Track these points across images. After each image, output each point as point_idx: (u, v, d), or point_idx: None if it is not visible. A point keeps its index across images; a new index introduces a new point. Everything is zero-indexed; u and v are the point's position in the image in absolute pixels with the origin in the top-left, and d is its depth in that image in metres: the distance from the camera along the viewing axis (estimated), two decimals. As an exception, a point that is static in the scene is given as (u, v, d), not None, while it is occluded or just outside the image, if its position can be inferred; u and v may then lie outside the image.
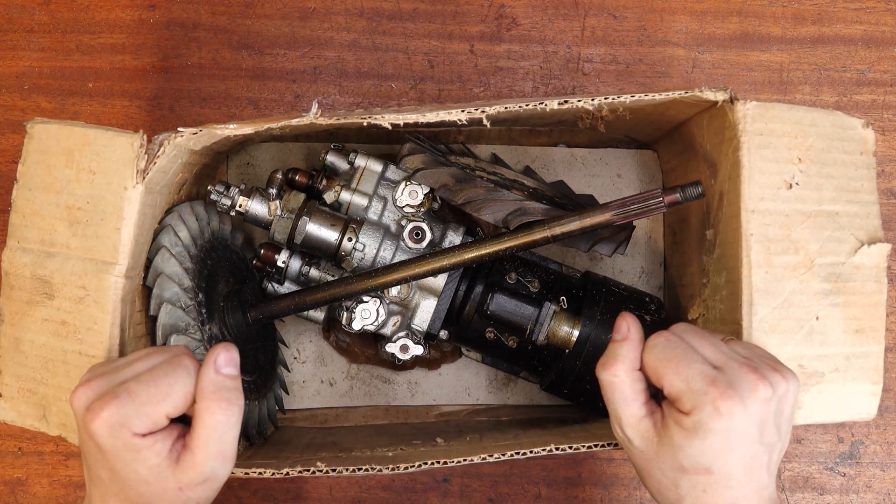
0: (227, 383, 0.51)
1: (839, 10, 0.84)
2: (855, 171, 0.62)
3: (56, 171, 0.59)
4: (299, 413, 0.79)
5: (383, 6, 0.83)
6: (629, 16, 0.83)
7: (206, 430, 0.50)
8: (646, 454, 0.53)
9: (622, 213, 0.62)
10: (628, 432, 0.53)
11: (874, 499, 0.80)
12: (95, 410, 0.49)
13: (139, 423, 0.49)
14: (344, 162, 0.71)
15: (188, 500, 0.52)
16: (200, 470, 0.50)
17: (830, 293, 0.60)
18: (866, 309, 0.61)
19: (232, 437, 0.51)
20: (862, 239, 0.61)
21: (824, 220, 0.61)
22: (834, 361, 0.60)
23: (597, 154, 0.82)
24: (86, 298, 0.58)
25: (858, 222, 0.61)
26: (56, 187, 0.59)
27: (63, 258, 0.59)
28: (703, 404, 0.49)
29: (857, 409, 0.61)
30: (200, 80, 0.81)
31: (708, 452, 0.50)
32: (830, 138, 0.61)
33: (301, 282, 0.71)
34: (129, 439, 0.49)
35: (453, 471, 0.80)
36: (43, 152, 0.60)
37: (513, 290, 0.68)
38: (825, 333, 0.60)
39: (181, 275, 0.61)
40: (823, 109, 0.62)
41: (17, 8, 0.82)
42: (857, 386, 0.61)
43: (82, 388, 0.51)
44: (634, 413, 0.53)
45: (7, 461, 0.79)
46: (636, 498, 0.80)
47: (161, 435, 0.50)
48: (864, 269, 0.61)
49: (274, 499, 0.79)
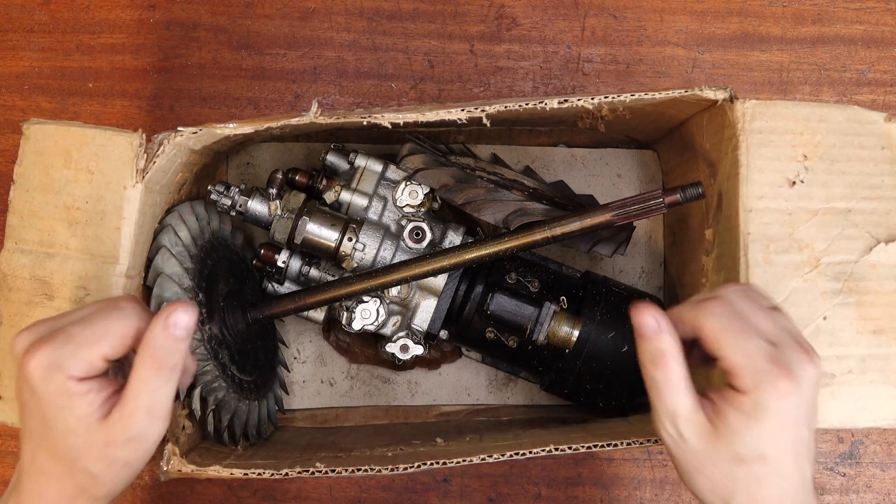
0: (170, 344, 0.50)
1: (839, 10, 0.84)
2: (874, 166, 0.60)
3: (54, 172, 0.59)
4: (299, 413, 0.79)
5: (383, 6, 0.83)
6: (629, 16, 0.83)
7: (138, 384, 0.49)
8: (699, 448, 0.50)
9: (622, 213, 0.62)
10: (683, 427, 0.50)
11: (874, 499, 0.80)
12: (32, 352, 0.48)
13: (74, 366, 0.48)
14: (344, 162, 0.71)
15: (115, 459, 0.50)
16: (127, 424, 0.49)
17: (840, 292, 0.59)
18: (885, 309, 0.59)
19: (163, 396, 0.50)
20: (879, 237, 0.60)
21: (833, 217, 0.60)
22: (847, 363, 0.59)
23: (597, 154, 0.82)
24: (86, 299, 0.58)
25: (876, 219, 0.60)
26: (54, 188, 0.59)
27: (62, 259, 0.59)
28: (765, 384, 0.47)
29: (882, 414, 0.59)
30: (200, 80, 0.81)
31: (764, 437, 0.48)
32: (844, 133, 0.60)
33: (301, 282, 0.71)
34: (62, 382, 0.48)
35: (453, 471, 0.79)
36: (40, 153, 0.60)
37: (513, 290, 0.68)
38: (834, 334, 0.59)
39: (181, 275, 0.61)
40: (838, 105, 0.61)
41: (17, 8, 0.82)
42: (876, 389, 0.59)
43: (24, 333, 0.50)
44: (690, 406, 0.50)
45: (7, 461, 0.79)
46: (636, 498, 0.80)
47: (96, 383, 0.49)
48: (882, 267, 0.60)
49: (274, 499, 0.79)
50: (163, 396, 0.50)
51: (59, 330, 0.50)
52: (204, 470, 0.59)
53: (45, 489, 0.51)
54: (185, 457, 0.60)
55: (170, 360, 0.50)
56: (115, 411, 0.49)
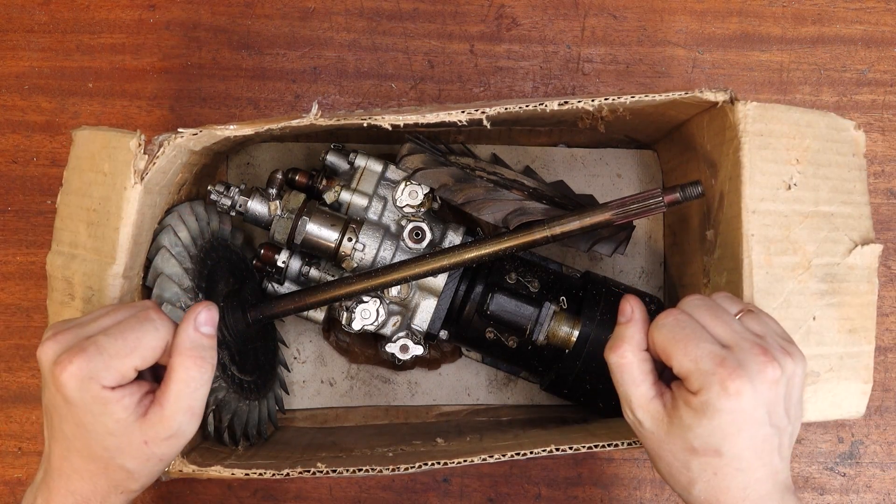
0: (204, 342, 0.52)
1: (839, 10, 0.84)
2: (848, 172, 0.62)
3: (84, 175, 0.61)
4: (299, 413, 0.79)
5: (383, 6, 0.83)
6: (629, 16, 0.83)
7: (179, 385, 0.51)
8: (656, 436, 0.52)
9: (622, 212, 0.62)
10: (638, 414, 0.53)
11: (874, 499, 0.80)
12: (63, 363, 0.49)
13: (108, 377, 0.49)
14: (344, 162, 0.71)
15: (152, 455, 0.52)
16: (168, 424, 0.51)
17: (826, 293, 0.61)
18: (859, 309, 0.61)
19: (202, 394, 0.52)
20: (855, 240, 0.62)
21: (820, 220, 0.61)
22: (829, 361, 0.61)
23: (597, 154, 0.82)
24: (92, 299, 0.58)
25: (852, 223, 0.62)
26: (83, 191, 0.60)
27: (81, 259, 0.60)
28: (711, 384, 0.49)
29: (847, 408, 0.61)
30: (200, 80, 0.81)
31: (717, 433, 0.50)
32: (825, 139, 0.62)
33: (301, 282, 0.71)
34: (98, 392, 0.49)
35: (453, 471, 0.80)
36: (79, 157, 0.62)
37: (513, 290, 0.68)
38: (821, 334, 0.60)
39: (181, 275, 0.61)
40: (819, 111, 0.62)
41: (17, 8, 0.82)
42: (850, 385, 0.61)
43: (49, 343, 0.51)
44: (644, 394, 0.53)
45: (7, 461, 0.79)
46: (636, 498, 0.80)
47: (129, 389, 0.51)
48: (858, 269, 0.61)
49: (274, 499, 0.79)
50: (202, 394, 0.52)
51: (89, 340, 0.50)
52: (205, 470, 0.59)
53: (79, 485, 0.52)
54: (185, 457, 0.60)
55: (207, 357, 0.52)
56: (156, 411, 0.51)
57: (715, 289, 0.65)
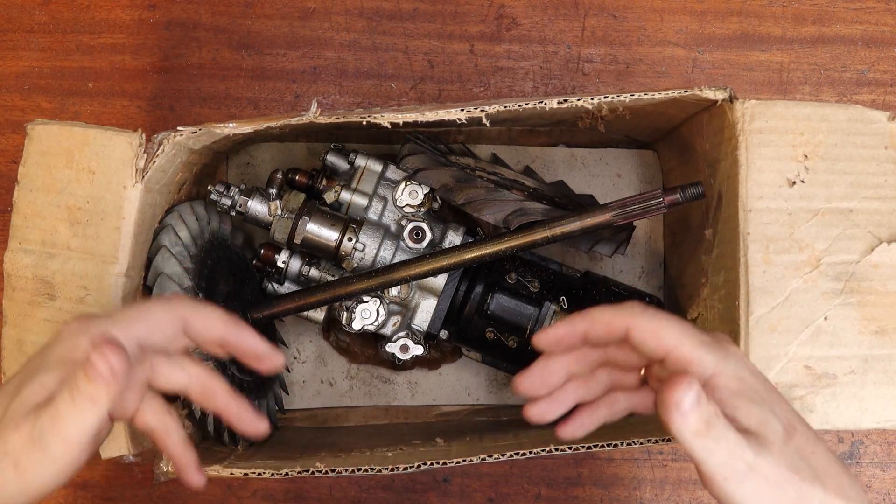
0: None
1: (839, 10, 0.84)
2: (877, 165, 0.60)
3: (56, 172, 0.59)
4: (299, 413, 0.79)
5: (383, 6, 0.83)
6: (629, 16, 0.83)
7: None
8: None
9: (622, 213, 0.62)
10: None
11: (874, 499, 0.80)
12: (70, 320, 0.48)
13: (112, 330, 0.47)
14: (344, 162, 0.71)
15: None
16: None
17: (842, 293, 0.59)
18: (887, 309, 0.59)
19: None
20: (881, 236, 0.60)
21: (834, 217, 0.60)
22: (849, 363, 0.59)
23: (597, 154, 0.82)
24: (86, 298, 0.58)
25: (878, 219, 0.60)
26: (56, 188, 0.59)
27: (64, 259, 0.59)
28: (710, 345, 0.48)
29: (886, 415, 0.59)
30: (200, 80, 0.82)
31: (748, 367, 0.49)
32: (846, 133, 0.60)
33: (301, 282, 0.71)
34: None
35: (453, 471, 0.79)
36: (43, 153, 0.60)
37: (513, 290, 0.68)
38: (835, 334, 0.59)
39: (181, 275, 0.61)
40: (840, 104, 0.60)
41: (17, 8, 0.82)
42: (880, 390, 0.59)
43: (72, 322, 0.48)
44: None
45: (7, 461, 0.79)
46: (636, 498, 0.80)
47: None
48: (885, 267, 0.59)
49: (274, 499, 0.79)
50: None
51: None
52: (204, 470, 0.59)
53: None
54: (185, 457, 0.60)
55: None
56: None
57: (713, 288, 0.65)
